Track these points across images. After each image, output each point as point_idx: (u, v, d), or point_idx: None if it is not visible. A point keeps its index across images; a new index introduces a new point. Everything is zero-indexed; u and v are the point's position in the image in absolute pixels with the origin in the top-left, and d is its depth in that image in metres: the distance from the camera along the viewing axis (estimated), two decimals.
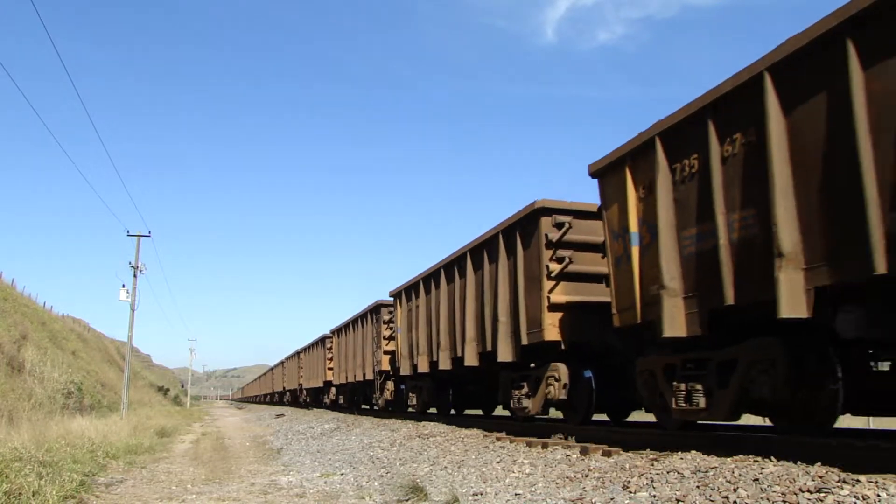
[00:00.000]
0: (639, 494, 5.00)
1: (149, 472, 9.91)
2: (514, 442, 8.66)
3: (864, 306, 5.28)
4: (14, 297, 32.01)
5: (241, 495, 7.31)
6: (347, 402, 24.42)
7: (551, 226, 9.11)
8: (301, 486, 7.84)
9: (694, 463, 5.45)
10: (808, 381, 5.83)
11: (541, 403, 9.65)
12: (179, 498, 7.28)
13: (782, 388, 5.71)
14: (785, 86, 5.41)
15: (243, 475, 9.23)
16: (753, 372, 5.95)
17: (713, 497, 4.48)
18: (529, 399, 9.91)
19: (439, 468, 7.90)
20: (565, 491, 5.62)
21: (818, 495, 4.04)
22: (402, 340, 15.43)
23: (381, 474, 8.27)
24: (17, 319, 25.83)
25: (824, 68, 5.07)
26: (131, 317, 28.52)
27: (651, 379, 7.33)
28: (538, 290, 9.11)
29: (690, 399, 6.54)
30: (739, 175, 5.83)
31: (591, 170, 8.05)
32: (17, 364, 20.00)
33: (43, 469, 7.28)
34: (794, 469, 4.66)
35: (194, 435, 19.83)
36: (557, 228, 9.09)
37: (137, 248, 28.87)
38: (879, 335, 5.38)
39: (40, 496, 6.15)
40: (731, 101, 5.94)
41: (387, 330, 17.94)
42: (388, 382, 18.32)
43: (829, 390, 5.79)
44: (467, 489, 6.41)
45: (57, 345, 29.57)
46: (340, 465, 9.76)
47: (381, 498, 6.76)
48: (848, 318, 5.34)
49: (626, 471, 5.71)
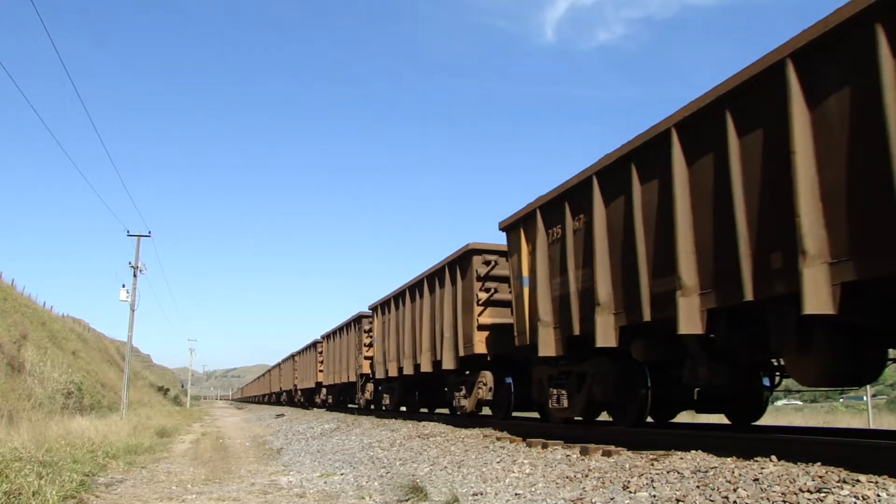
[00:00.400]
0: (639, 494, 5.00)
1: (149, 472, 9.91)
2: (513, 442, 8.67)
3: (645, 338, 7.33)
4: (14, 297, 32.03)
5: (241, 495, 7.32)
6: (335, 402, 27.55)
7: (481, 263, 11.53)
8: (301, 486, 7.85)
9: (694, 463, 5.46)
10: (628, 389, 8.18)
11: (474, 403, 12.09)
12: (179, 498, 7.28)
13: (612, 394, 8.24)
14: (605, 187, 7.70)
15: (243, 475, 9.23)
16: (595, 381, 8.44)
17: (713, 497, 4.48)
18: (466, 399, 12.48)
19: (439, 468, 7.90)
20: (565, 491, 5.62)
21: (818, 495, 4.04)
22: (378, 348, 17.91)
23: (381, 474, 8.27)
24: (17, 319, 25.84)
25: (622, 181, 7.32)
26: (131, 317, 28.56)
27: (539, 385, 9.80)
28: (471, 313, 11.52)
29: (560, 401, 9.06)
30: (581, 244, 8.12)
31: (500, 225, 10.39)
32: (17, 364, 20.01)
33: (43, 469, 7.28)
34: (794, 469, 4.66)
35: (194, 435, 19.84)
36: (486, 265, 11.50)
37: (137, 248, 28.92)
38: (656, 357, 7.42)
39: (40, 496, 6.15)
40: (576, 191, 8.22)
41: (367, 338, 20.23)
42: (368, 384, 20.54)
43: (641, 395, 8.08)
44: (467, 489, 6.42)
45: (57, 345, 29.58)
46: (340, 465, 9.77)
47: (381, 498, 6.76)
48: (637, 347, 7.41)
49: (626, 471, 5.71)
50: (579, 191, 8.10)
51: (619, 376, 8.11)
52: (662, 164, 6.63)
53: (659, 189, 6.76)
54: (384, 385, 19.04)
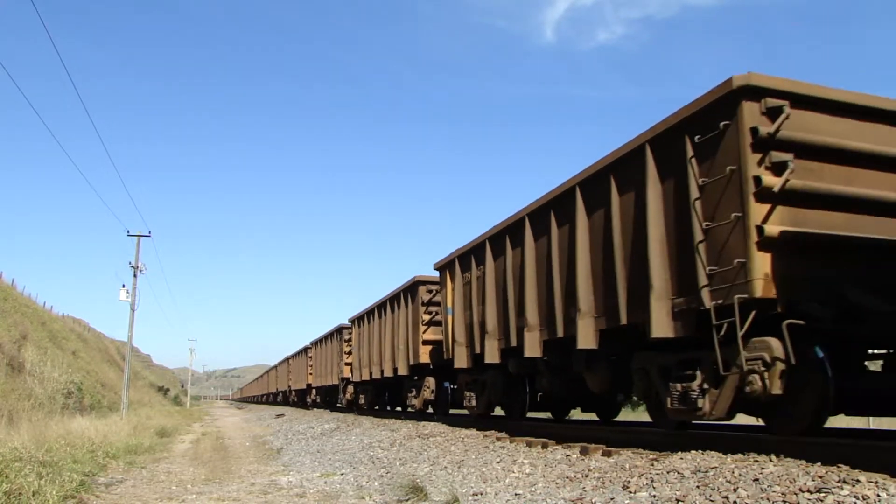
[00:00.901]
0: (639, 494, 4.99)
1: (149, 472, 9.91)
2: (513, 442, 8.67)
3: (516, 358, 9.92)
4: (14, 297, 32.02)
5: (241, 495, 7.31)
6: (322, 401, 31.23)
7: (426, 291, 14.76)
8: (301, 486, 7.84)
9: (694, 463, 5.45)
10: (513, 393, 11.34)
11: (421, 402, 15.64)
12: (179, 498, 7.28)
13: (502, 396, 11.53)
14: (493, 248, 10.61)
15: (243, 475, 9.23)
16: (491, 387, 11.61)
17: (713, 497, 4.48)
18: (416, 399, 15.96)
19: (439, 468, 7.90)
20: (565, 491, 5.62)
21: (818, 495, 4.04)
22: (355, 355, 21.47)
23: (381, 474, 8.27)
24: (17, 319, 25.83)
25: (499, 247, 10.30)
26: (131, 317, 28.54)
27: (461, 388, 12.95)
28: (417, 331, 14.74)
29: (471, 401, 12.37)
30: (480, 288, 10.97)
31: (435, 266, 13.50)
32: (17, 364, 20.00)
33: (43, 469, 7.28)
34: (794, 469, 4.66)
35: (194, 435, 19.84)
36: (429, 293, 14.71)
37: (137, 248, 28.89)
38: (522, 371, 10.23)
39: (40, 496, 6.15)
40: (476, 249, 11.24)
41: (347, 346, 23.91)
42: (349, 386, 24.01)
43: (521, 398, 11.24)
44: (467, 489, 6.41)
45: (57, 345, 29.57)
46: (340, 465, 9.77)
47: (381, 498, 6.76)
48: (511, 364, 10.21)
49: (626, 471, 5.71)
50: (479, 248, 11.08)
51: (505, 384, 11.23)
52: (520, 239, 9.47)
53: (519, 257, 9.53)
54: (360, 388, 22.32)
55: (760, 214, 5.53)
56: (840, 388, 5.81)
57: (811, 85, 5.98)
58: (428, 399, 15.35)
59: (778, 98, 5.72)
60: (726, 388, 5.88)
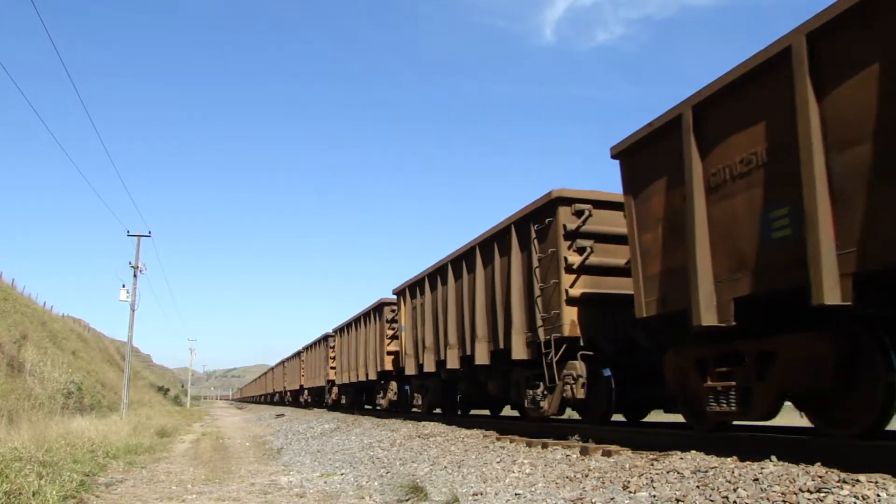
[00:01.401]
0: (639, 494, 4.99)
1: (149, 472, 9.91)
2: (514, 442, 8.66)
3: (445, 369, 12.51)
4: (14, 297, 32.01)
5: (241, 495, 7.31)
6: (312, 401, 33.66)
7: (389, 311, 17.74)
8: (301, 486, 7.84)
9: (694, 463, 5.45)
10: (448, 396, 14.89)
11: (387, 402, 18.71)
12: (179, 498, 7.28)
13: (439, 397, 15.02)
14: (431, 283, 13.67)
15: (243, 475, 9.23)
16: (431, 390, 15.16)
17: (713, 497, 4.48)
18: (383, 399, 19.19)
19: (439, 468, 7.90)
20: (565, 491, 5.62)
21: (818, 495, 4.03)
22: (338, 361, 24.41)
23: (381, 474, 8.27)
24: (17, 319, 25.84)
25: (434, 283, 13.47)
26: (131, 317, 28.53)
27: (412, 391, 16.55)
28: (383, 344, 17.90)
29: (417, 401, 16.01)
30: (421, 313, 14.10)
31: (393, 292, 16.36)
32: (17, 364, 20.00)
33: (43, 469, 7.27)
34: (794, 469, 4.66)
35: (194, 435, 19.84)
36: (392, 312, 17.44)
37: (137, 248, 28.89)
38: (450, 379, 13.22)
39: (40, 496, 6.14)
40: (419, 283, 14.35)
41: (332, 352, 26.06)
42: (335, 388, 26.53)
43: (452, 399, 14.60)
44: (467, 489, 6.41)
45: (57, 345, 29.57)
46: (340, 465, 9.76)
47: (381, 498, 6.75)
48: (442, 372, 12.84)
49: (626, 471, 5.71)
50: (421, 282, 14.13)
51: (441, 388, 14.63)
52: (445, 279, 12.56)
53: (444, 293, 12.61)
54: (343, 388, 24.76)
55: (568, 281, 8.45)
56: (619, 396, 8.56)
57: (607, 193, 8.69)
58: (392, 399, 18.28)
59: (583, 203, 8.61)
60: (556, 394, 8.77)
